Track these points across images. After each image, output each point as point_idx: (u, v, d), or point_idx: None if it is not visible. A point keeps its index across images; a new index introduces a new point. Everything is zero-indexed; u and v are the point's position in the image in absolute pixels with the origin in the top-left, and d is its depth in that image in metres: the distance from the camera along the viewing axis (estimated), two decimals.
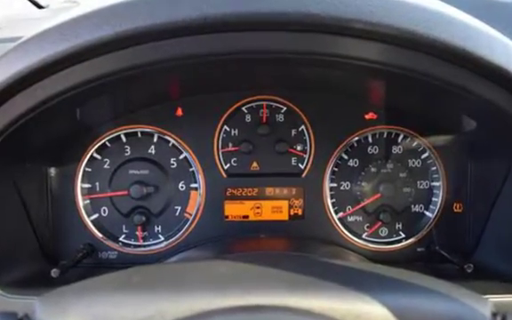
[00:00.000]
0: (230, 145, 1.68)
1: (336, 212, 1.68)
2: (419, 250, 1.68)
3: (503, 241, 1.45)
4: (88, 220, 1.64)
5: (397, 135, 1.68)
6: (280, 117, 1.68)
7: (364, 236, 1.69)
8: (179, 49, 0.98)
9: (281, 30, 0.97)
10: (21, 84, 0.99)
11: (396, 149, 1.68)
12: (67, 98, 1.03)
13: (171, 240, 1.66)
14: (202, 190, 1.66)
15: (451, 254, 1.56)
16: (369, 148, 1.68)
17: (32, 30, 0.98)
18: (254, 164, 1.69)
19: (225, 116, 1.66)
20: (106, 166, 1.65)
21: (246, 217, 1.68)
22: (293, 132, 1.68)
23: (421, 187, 1.68)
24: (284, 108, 1.67)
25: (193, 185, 1.67)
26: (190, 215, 1.67)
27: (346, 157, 1.68)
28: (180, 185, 1.67)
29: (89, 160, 1.64)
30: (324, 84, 1.57)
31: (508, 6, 1.84)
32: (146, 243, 1.67)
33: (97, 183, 1.65)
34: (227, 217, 1.68)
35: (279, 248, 1.57)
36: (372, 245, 1.69)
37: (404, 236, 1.69)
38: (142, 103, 1.62)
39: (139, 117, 1.64)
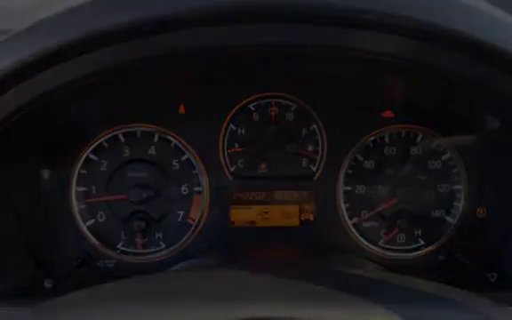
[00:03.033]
0: (236, 145, 1.67)
1: (350, 218, 1.68)
2: (439, 258, 1.68)
3: None
4: (84, 227, 1.64)
5: (416, 135, 1.67)
6: (290, 116, 1.67)
7: (380, 242, 1.69)
8: (181, 43, 0.98)
9: (291, 22, 0.97)
10: (13, 79, 0.99)
11: (414, 150, 1.67)
12: (61, 95, 1.03)
13: (172, 247, 1.66)
14: (206, 194, 1.66)
15: (473, 263, 1.55)
16: (386, 149, 1.67)
17: (24, 22, 0.98)
18: (262, 166, 1.68)
19: (231, 114, 1.66)
20: (103, 168, 1.65)
21: (253, 223, 1.68)
22: (304, 131, 1.67)
23: (442, 190, 1.67)
24: (295, 106, 1.67)
25: (196, 188, 1.67)
26: (193, 221, 1.66)
27: (361, 159, 1.67)
28: (183, 188, 1.67)
29: (84, 162, 1.63)
30: (338, 80, 1.57)
31: None
32: (146, 250, 1.67)
33: (93, 186, 1.65)
34: (233, 223, 1.68)
35: (289, 256, 1.57)
36: (389, 253, 1.68)
37: (423, 243, 1.68)
38: (142, 100, 1.62)
39: (138, 116, 1.63)
